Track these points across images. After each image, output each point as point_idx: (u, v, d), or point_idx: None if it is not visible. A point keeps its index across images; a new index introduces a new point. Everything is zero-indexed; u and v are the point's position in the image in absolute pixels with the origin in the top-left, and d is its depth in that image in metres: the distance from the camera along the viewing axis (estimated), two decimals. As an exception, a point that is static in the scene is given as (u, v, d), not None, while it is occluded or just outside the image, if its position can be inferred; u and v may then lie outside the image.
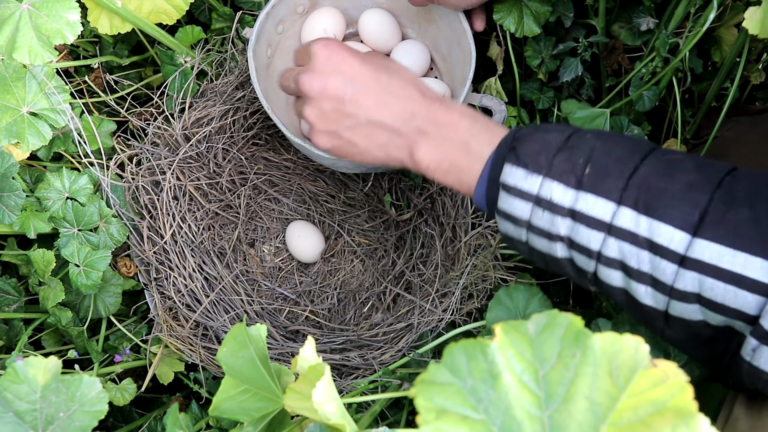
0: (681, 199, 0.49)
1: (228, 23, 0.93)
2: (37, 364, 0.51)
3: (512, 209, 0.56)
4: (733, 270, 0.46)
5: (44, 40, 0.66)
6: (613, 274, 0.52)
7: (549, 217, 0.53)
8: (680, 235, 0.48)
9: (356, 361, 0.84)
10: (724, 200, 0.49)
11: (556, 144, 0.55)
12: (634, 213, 0.50)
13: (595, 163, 0.53)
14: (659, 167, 0.52)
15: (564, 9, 0.88)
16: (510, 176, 0.55)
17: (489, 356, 0.32)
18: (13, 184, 0.73)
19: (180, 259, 0.88)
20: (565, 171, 0.53)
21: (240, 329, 0.50)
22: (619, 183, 0.51)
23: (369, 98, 0.63)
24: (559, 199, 0.53)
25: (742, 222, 0.47)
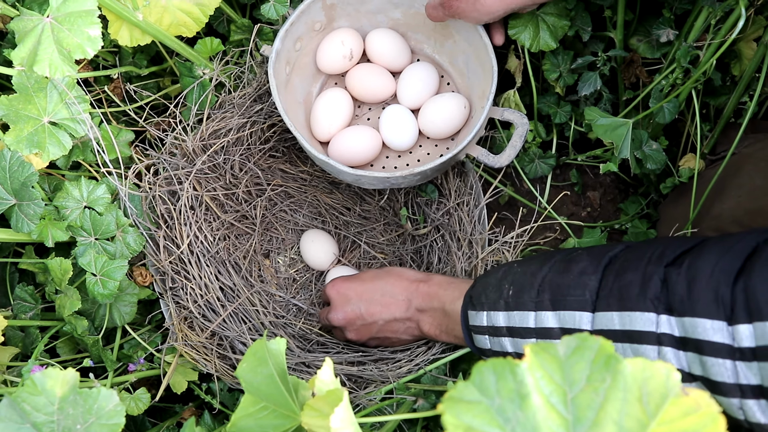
0: (575, 287, 0.58)
1: (246, 35, 0.93)
2: (55, 376, 0.51)
3: (480, 344, 0.69)
4: (624, 329, 0.53)
5: (65, 54, 0.66)
6: None
7: (497, 341, 0.65)
8: (585, 315, 0.56)
9: (373, 374, 0.84)
10: (614, 273, 0.56)
11: (493, 281, 0.68)
12: (547, 313, 0.59)
13: (515, 284, 0.64)
14: (560, 267, 0.61)
15: (582, 23, 0.88)
16: (471, 319, 0.70)
17: (518, 376, 0.32)
18: (32, 193, 0.73)
19: (196, 269, 0.88)
20: (496, 299, 0.65)
21: (260, 345, 0.50)
22: (532, 294, 0.62)
23: (377, 306, 0.83)
24: (497, 323, 0.65)
25: (625, 286, 0.54)
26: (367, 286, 0.84)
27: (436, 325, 0.79)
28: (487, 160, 0.84)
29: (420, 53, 0.96)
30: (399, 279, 0.83)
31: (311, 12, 0.87)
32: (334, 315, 0.86)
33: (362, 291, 0.84)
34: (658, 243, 0.56)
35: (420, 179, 0.87)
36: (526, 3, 0.79)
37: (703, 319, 0.48)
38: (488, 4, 0.79)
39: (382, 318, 0.83)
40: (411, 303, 0.81)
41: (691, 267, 0.51)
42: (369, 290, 0.84)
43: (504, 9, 0.79)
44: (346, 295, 0.85)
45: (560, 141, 1.03)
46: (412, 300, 0.81)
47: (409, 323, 0.82)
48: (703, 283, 0.49)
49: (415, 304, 0.80)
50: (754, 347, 0.45)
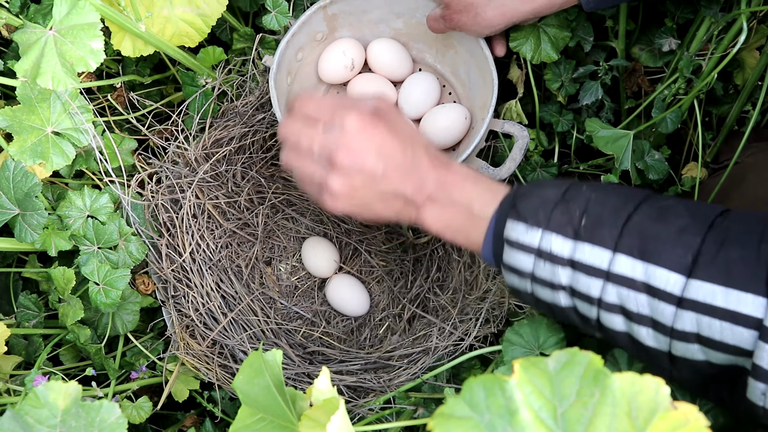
0: (674, 243, 0.51)
1: (249, 44, 0.94)
2: (57, 389, 0.51)
3: (516, 262, 0.58)
4: (727, 307, 0.48)
5: (68, 66, 0.67)
6: (615, 318, 0.54)
7: (550, 268, 0.56)
8: (675, 277, 0.50)
9: (372, 383, 0.84)
10: (716, 241, 0.51)
11: (554, 198, 0.57)
12: (629, 259, 0.52)
13: (590, 213, 0.55)
14: (652, 214, 0.54)
15: (584, 33, 0.88)
16: (512, 231, 0.58)
17: (507, 392, 0.32)
18: (36, 203, 0.74)
19: (198, 277, 0.88)
20: (563, 223, 0.56)
21: (256, 357, 0.50)
22: (613, 231, 0.54)
23: (397, 173, 0.64)
24: (558, 251, 0.55)
25: (733, 261, 0.49)
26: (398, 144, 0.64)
27: (446, 220, 0.64)
28: (488, 172, 0.84)
29: (422, 63, 0.96)
30: (424, 151, 0.66)
31: (313, 22, 0.88)
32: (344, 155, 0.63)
33: (393, 147, 0.64)
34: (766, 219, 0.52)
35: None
36: (527, 16, 0.79)
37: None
38: (489, 18, 0.79)
39: (393, 189, 0.64)
40: (425, 186, 0.64)
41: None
42: (396, 150, 0.64)
43: (505, 22, 0.80)
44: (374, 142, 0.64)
45: (562, 149, 1.03)
46: (427, 183, 0.64)
47: (410, 207, 0.65)
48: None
49: (429, 190, 0.64)
50: None
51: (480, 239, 0.62)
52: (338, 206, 0.66)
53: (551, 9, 0.78)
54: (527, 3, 0.77)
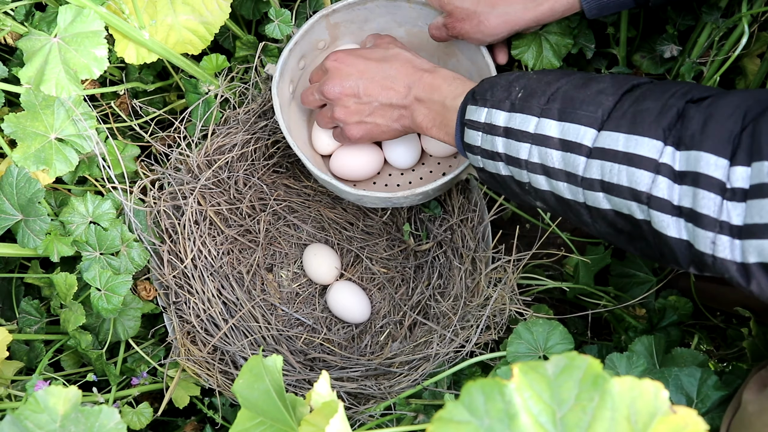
0: (590, 103, 0.57)
1: (252, 51, 0.94)
2: (57, 394, 0.51)
3: (470, 139, 0.67)
4: (626, 150, 0.53)
5: (71, 74, 0.67)
6: (540, 179, 0.60)
7: (490, 139, 0.64)
8: (589, 131, 0.56)
9: (372, 390, 0.84)
10: (631, 99, 0.55)
11: (503, 82, 0.65)
12: (551, 121, 0.59)
13: (526, 89, 0.63)
14: (577, 82, 0.60)
15: (585, 41, 0.89)
16: (468, 113, 0.67)
17: (506, 396, 0.32)
18: (38, 209, 0.74)
19: (199, 283, 0.89)
20: (503, 99, 0.64)
21: (256, 361, 0.50)
22: (541, 100, 0.60)
23: (376, 86, 0.78)
24: (496, 122, 0.63)
25: (641, 112, 0.54)
26: (370, 65, 0.79)
27: (432, 117, 0.75)
28: None
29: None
30: (404, 65, 0.78)
31: (315, 31, 0.88)
32: (329, 86, 0.80)
33: (364, 69, 0.79)
34: (686, 84, 0.56)
35: (422, 198, 0.87)
36: (530, 23, 0.79)
37: (708, 154, 0.48)
38: (492, 26, 0.79)
39: (378, 100, 0.78)
40: (411, 91, 0.76)
41: (712, 105, 0.51)
42: (372, 69, 0.79)
43: (508, 30, 0.80)
44: (346, 70, 0.80)
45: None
46: (412, 88, 0.76)
47: (404, 111, 0.78)
48: (720, 121, 0.49)
49: (415, 92, 0.76)
50: (746, 188, 0.47)
51: (453, 129, 0.71)
52: (353, 131, 0.82)
53: (554, 16, 0.78)
54: (530, 10, 0.78)
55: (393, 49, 0.81)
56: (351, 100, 0.80)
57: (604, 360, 0.72)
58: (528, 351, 0.65)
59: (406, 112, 0.78)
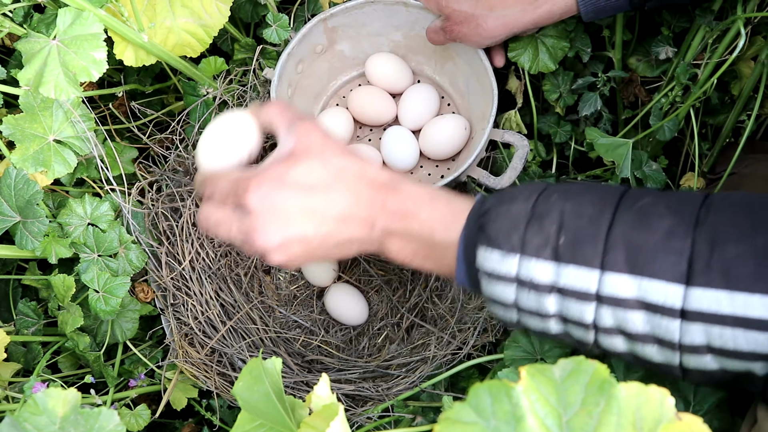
0: (664, 251, 0.47)
1: (250, 54, 0.94)
2: (56, 396, 0.51)
3: (496, 294, 0.53)
4: (735, 313, 0.44)
5: (70, 76, 0.67)
6: (615, 341, 0.49)
7: (535, 297, 0.50)
8: (673, 288, 0.46)
9: (370, 392, 0.84)
10: (706, 240, 0.46)
11: (525, 215, 0.52)
12: (619, 276, 0.47)
13: (568, 229, 0.50)
14: (633, 220, 0.49)
15: (582, 44, 0.89)
16: (486, 261, 0.52)
17: (513, 398, 0.32)
18: (37, 211, 0.74)
19: (197, 286, 0.89)
20: (540, 245, 0.50)
21: (256, 364, 0.51)
22: (597, 247, 0.49)
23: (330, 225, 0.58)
24: (540, 278, 0.50)
25: (730, 261, 0.45)
26: (314, 198, 0.57)
27: (411, 251, 0.58)
28: (488, 182, 0.85)
29: (421, 75, 0.97)
30: (357, 185, 0.58)
31: (313, 35, 0.89)
32: (260, 238, 0.57)
33: (311, 204, 0.57)
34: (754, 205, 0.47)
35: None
36: (528, 26, 0.80)
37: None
38: (490, 29, 0.80)
39: (334, 240, 0.58)
40: (375, 224, 0.58)
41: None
42: (320, 203, 0.57)
43: (506, 33, 0.81)
44: (286, 209, 0.57)
45: (560, 160, 1.04)
46: (376, 219, 0.58)
47: (368, 245, 0.59)
48: None
49: (380, 224, 0.57)
50: None
51: (451, 266, 0.56)
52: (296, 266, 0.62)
53: (551, 19, 0.79)
54: (528, 13, 0.78)
55: (332, 161, 0.59)
56: (296, 247, 0.58)
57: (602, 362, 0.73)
58: (525, 355, 0.65)
59: (371, 246, 0.59)
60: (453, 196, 0.58)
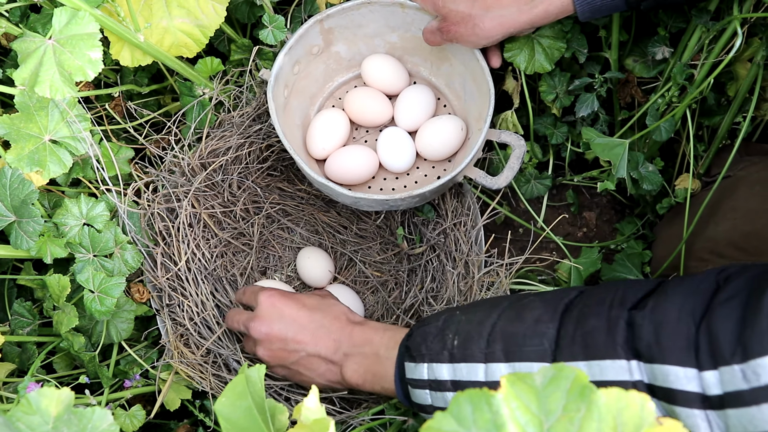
0: (531, 336, 0.54)
1: (246, 54, 0.94)
2: (50, 395, 0.51)
3: (418, 399, 0.63)
4: (593, 379, 0.49)
5: (66, 76, 0.67)
6: None
7: (441, 396, 0.60)
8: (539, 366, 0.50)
9: (363, 395, 0.84)
10: (572, 320, 0.52)
11: (434, 330, 0.63)
12: (500, 365, 0.55)
13: (460, 333, 0.59)
14: (511, 315, 0.57)
15: (578, 45, 0.89)
16: (408, 371, 0.64)
17: (494, 407, 0.32)
18: (32, 211, 0.74)
19: (193, 286, 0.89)
20: (439, 350, 0.60)
21: (240, 381, 0.51)
22: (481, 345, 0.57)
23: (306, 336, 0.76)
24: (442, 377, 0.59)
25: (588, 333, 0.50)
26: (304, 313, 0.77)
27: (362, 372, 0.72)
28: (485, 182, 0.85)
29: (417, 76, 0.97)
30: (338, 317, 0.77)
31: (309, 36, 0.89)
32: (256, 325, 0.78)
33: (297, 316, 0.77)
34: (616, 286, 0.53)
35: (418, 201, 0.87)
36: (525, 26, 0.80)
37: (675, 367, 0.45)
38: (487, 29, 0.80)
39: (306, 350, 0.76)
40: (340, 346, 0.75)
41: (657, 310, 0.48)
42: (305, 318, 0.77)
43: (502, 33, 0.80)
44: (281, 312, 0.78)
45: (557, 162, 1.04)
46: (342, 343, 0.75)
47: (332, 366, 0.75)
48: (671, 327, 0.46)
49: (344, 348, 0.74)
50: (721, 394, 0.43)
51: (392, 385, 0.69)
52: (276, 372, 0.80)
53: (547, 19, 0.79)
54: (524, 13, 0.78)
55: (329, 300, 0.81)
56: (277, 344, 0.77)
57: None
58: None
59: (334, 368, 0.75)
60: (401, 329, 0.73)
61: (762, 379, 0.41)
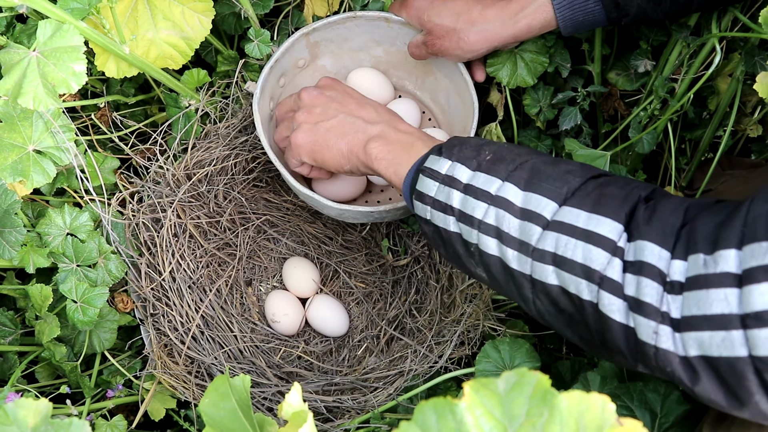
0: (557, 179, 0.57)
1: (233, 66, 0.95)
2: (27, 406, 0.51)
3: (423, 187, 0.65)
4: (586, 228, 0.53)
5: (49, 88, 0.68)
6: (490, 242, 0.58)
7: (447, 191, 0.62)
8: (551, 204, 0.55)
9: (348, 404, 0.84)
10: (596, 183, 0.56)
11: (473, 143, 0.65)
12: (515, 188, 0.58)
13: (496, 154, 0.62)
14: (548, 159, 0.60)
15: (561, 59, 0.90)
16: (429, 162, 0.65)
17: (458, 415, 0.33)
18: (14, 221, 0.74)
19: (177, 296, 0.89)
20: (470, 157, 0.63)
21: (222, 381, 0.51)
22: (509, 167, 0.60)
23: (352, 102, 0.78)
24: (459, 176, 0.62)
25: (605, 195, 0.54)
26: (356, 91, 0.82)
27: (387, 150, 0.72)
28: None
29: (402, 90, 0.98)
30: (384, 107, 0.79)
31: (295, 49, 0.89)
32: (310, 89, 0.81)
33: (351, 91, 0.81)
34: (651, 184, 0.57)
35: (403, 213, 0.88)
36: (508, 41, 0.81)
37: (652, 244, 0.49)
38: (471, 42, 0.81)
39: (347, 111, 0.77)
40: (379, 121, 0.75)
41: (659, 202, 0.52)
42: (356, 94, 0.81)
43: (486, 47, 0.82)
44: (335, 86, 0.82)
45: (541, 174, 1.05)
46: (384, 120, 0.76)
47: (361, 133, 0.75)
48: (664, 215, 0.51)
49: (384, 125, 0.75)
50: (683, 281, 0.47)
51: (405, 172, 0.69)
52: (299, 135, 0.78)
53: (531, 33, 0.80)
54: (508, 27, 0.79)
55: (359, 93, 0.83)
56: (319, 106, 0.79)
57: (577, 376, 0.73)
58: (495, 369, 0.66)
59: (362, 136, 0.75)
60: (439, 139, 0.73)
61: (718, 267, 0.45)
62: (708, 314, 0.45)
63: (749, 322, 0.43)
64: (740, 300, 0.44)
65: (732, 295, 0.44)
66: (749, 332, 0.43)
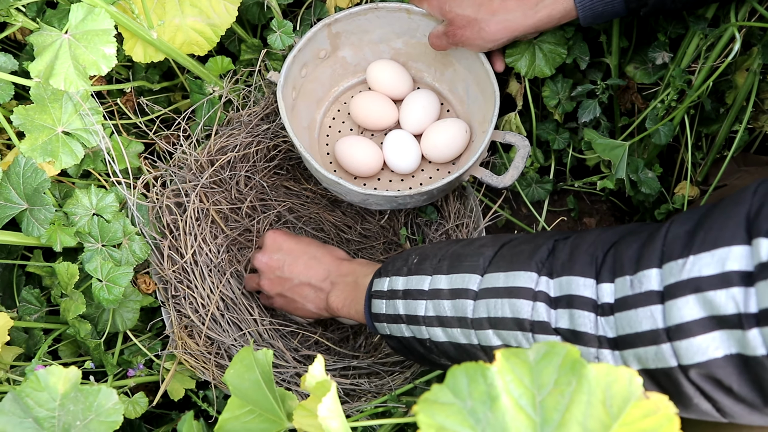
0: (474, 255, 0.63)
1: (256, 55, 0.96)
2: (58, 373, 0.53)
3: (376, 309, 0.72)
4: (506, 285, 0.57)
5: (80, 69, 0.69)
6: (437, 331, 0.64)
7: (393, 303, 0.69)
8: (474, 277, 0.61)
9: (365, 387, 0.85)
10: (509, 247, 0.61)
11: (403, 255, 0.73)
12: (442, 276, 0.64)
13: (421, 255, 0.70)
14: (464, 242, 0.67)
15: (580, 52, 0.91)
16: (374, 286, 0.73)
17: (489, 379, 0.34)
18: (44, 199, 0.76)
19: (198, 279, 0.90)
20: (401, 267, 0.71)
21: (247, 352, 0.52)
22: (433, 261, 0.67)
23: (300, 265, 0.88)
24: (397, 287, 0.69)
25: (516, 253, 0.59)
26: (300, 246, 0.89)
27: (344, 297, 0.82)
28: (491, 181, 0.86)
29: (420, 82, 0.99)
30: (329, 254, 0.88)
31: (317, 40, 0.91)
32: (259, 256, 0.90)
33: (294, 248, 0.89)
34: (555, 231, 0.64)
35: (426, 199, 0.89)
36: (528, 30, 0.82)
37: (578, 277, 0.53)
38: (492, 32, 0.82)
39: (298, 278, 0.87)
40: (329, 275, 0.85)
41: (577, 238, 0.57)
42: (300, 250, 0.89)
43: (507, 37, 0.82)
44: (279, 245, 0.90)
45: (558, 167, 1.06)
46: (331, 272, 0.85)
47: (320, 293, 0.86)
48: (584, 249, 0.55)
49: (332, 277, 0.85)
50: (612, 303, 0.51)
51: (362, 306, 0.77)
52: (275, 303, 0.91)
53: (551, 23, 0.81)
54: (529, 17, 0.80)
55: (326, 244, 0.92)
56: (275, 272, 0.89)
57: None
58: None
59: (321, 295, 0.86)
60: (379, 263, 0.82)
61: (643, 287, 0.49)
62: (639, 332, 0.49)
63: (672, 335, 0.47)
64: (664, 315, 0.48)
65: (657, 311, 0.48)
66: (675, 344, 0.47)
